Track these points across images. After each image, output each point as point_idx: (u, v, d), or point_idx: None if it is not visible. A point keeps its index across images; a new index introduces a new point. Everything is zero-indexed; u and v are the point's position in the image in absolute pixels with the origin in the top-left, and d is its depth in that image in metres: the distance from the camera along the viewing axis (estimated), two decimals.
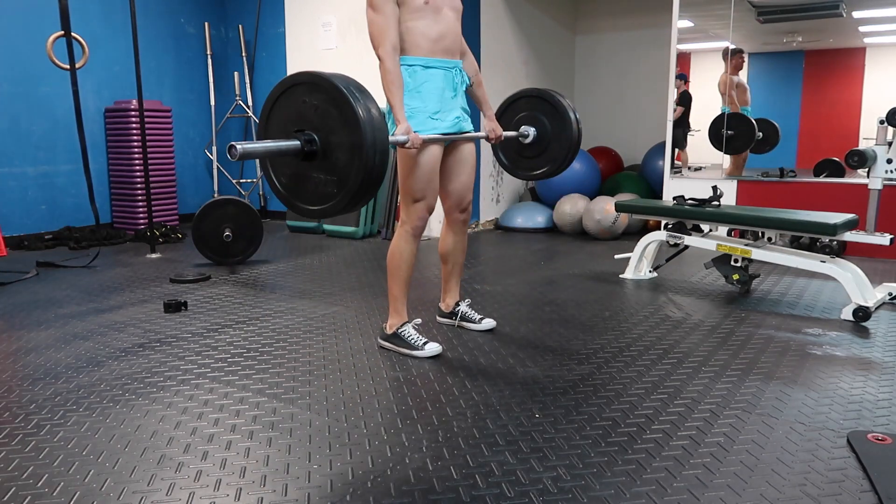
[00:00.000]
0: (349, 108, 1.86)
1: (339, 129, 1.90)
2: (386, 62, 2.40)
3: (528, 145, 3.02)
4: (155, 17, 6.01)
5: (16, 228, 5.16)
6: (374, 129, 1.86)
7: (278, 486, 1.66)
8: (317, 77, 1.94)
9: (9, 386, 2.33)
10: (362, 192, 1.94)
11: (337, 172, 1.93)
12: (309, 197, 2.03)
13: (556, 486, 1.65)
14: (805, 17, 5.54)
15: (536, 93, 3.02)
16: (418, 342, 2.62)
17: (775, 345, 2.74)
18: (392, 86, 2.40)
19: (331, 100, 1.90)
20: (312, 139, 1.94)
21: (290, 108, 1.99)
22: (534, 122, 2.99)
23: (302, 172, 2.02)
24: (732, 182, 5.07)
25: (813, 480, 1.67)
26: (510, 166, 3.14)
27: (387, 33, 2.41)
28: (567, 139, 2.94)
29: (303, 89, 1.97)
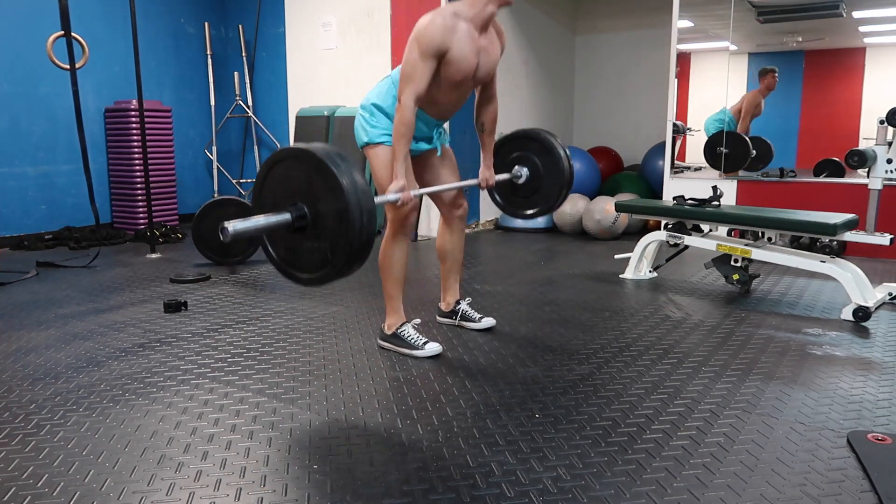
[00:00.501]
0: (334, 180, 1.91)
1: (326, 198, 1.96)
2: (406, 111, 2.38)
3: (521, 186, 3.06)
4: (155, 17, 6.01)
5: (16, 228, 5.16)
6: (359, 199, 1.91)
7: (278, 486, 1.66)
8: (301, 151, 2.00)
9: (9, 386, 2.33)
10: (353, 259, 2.00)
11: (327, 240, 2.00)
12: (304, 266, 2.10)
13: (556, 486, 1.65)
14: (805, 17, 5.55)
15: (528, 134, 3.06)
16: (418, 342, 2.62)
17: (775, 345, 2.74)
18: (402, 137, 2.39)
19: (316, 171, 1.96)
20: (302, 210, 2.01)
21: (279, 181, 2.06)
22: (526, 163, 3.03)
23: (295, 244, 2.09)
24: (732, 182, 5.07)
25: (813, 480, 1.67)
26: (504, 205, 3.18)
27: (419, 82, 2.38)
28: (559, 180, 2.98)
29: (290, 163, 2.04)
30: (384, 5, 5.55)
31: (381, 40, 5.61)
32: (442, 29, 2.34)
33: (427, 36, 2.34)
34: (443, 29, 2.35)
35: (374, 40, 5.65)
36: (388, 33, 5.56)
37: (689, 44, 5.75)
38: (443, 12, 2.38)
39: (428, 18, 2.37)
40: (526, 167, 3.00)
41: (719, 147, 5.29)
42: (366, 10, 5.66)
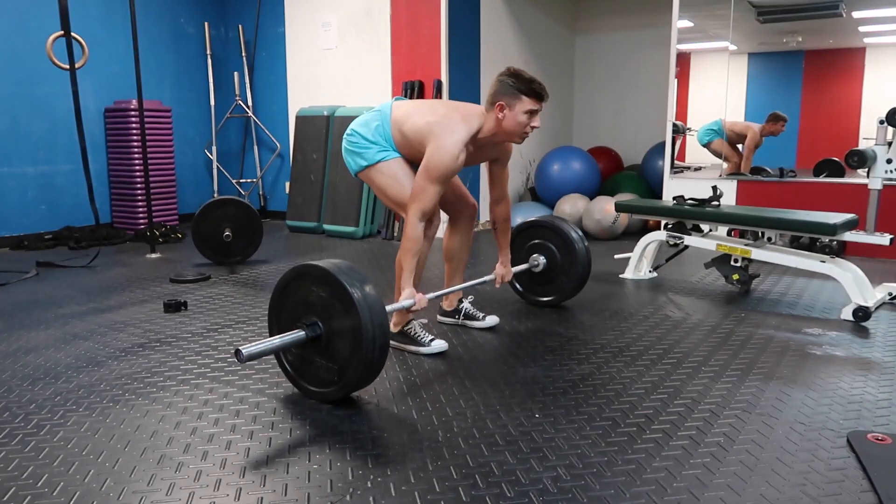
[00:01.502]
0: (345, 293, 2.00)
1: (339, 314, 2.04)
2: (413, 230, 2.45)
3: (538, 273, 3.20)
4: (155, 17, 6.01)
5: (16, 228, 5.16)
6: (371, 310, 1.99)
7: (278, 485, 1.66)
8: (316, 268, 2.08)
9: (9, 386, 2.33)
10: (359, 385, 2.10)
11: (338, 362, 2.08)
12: (312, 380, 2.17)
13: (556, 486, 1.65)
14: (805, 17, 5.54)
15: (550, 224, 3.18)
16: (425, 338, 2.63)
17: (775, 345, 2.74)
18: (408, 253, 2.46)
19: (329, 287, 2.05)
20: (317, 330, 2.08)
21: (297, 294, 2.15)
22: (544, 251, 3.18)
23: (306, 355, 2.16)
24: (732, 182, 5.07)
25: (813, 480, 1.67)
26: (523, 292, 3.33)
27: (429, 203, 2.45)
28: (575, 277, 3.14)
29: (306, 279, 2.12)
30: (384, 5, 5.55)
31: (381, 40, 5.61)
32: (456, 160, 2.45)
33: (444, 166, 2.43)
34: (457, 160, 2.45)
35: (374, 40, 5.65)
36: (388, 33, 5.56)
37: (689, 44, 5.75)
38: (460, 140, 2.45)
39: (446, 153, 2.42)
40: (543, 256, 3.16)
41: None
42: (366, 10, 5.66)
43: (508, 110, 2.44)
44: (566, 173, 5.76)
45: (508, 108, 2.44)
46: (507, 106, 2.44)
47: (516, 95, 2.43)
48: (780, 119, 5.49)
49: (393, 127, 2.56)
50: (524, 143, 2.67)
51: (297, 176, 5.89)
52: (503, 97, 2.44)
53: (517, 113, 2.44)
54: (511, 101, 2.43)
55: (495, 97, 2.46)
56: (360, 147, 2.57)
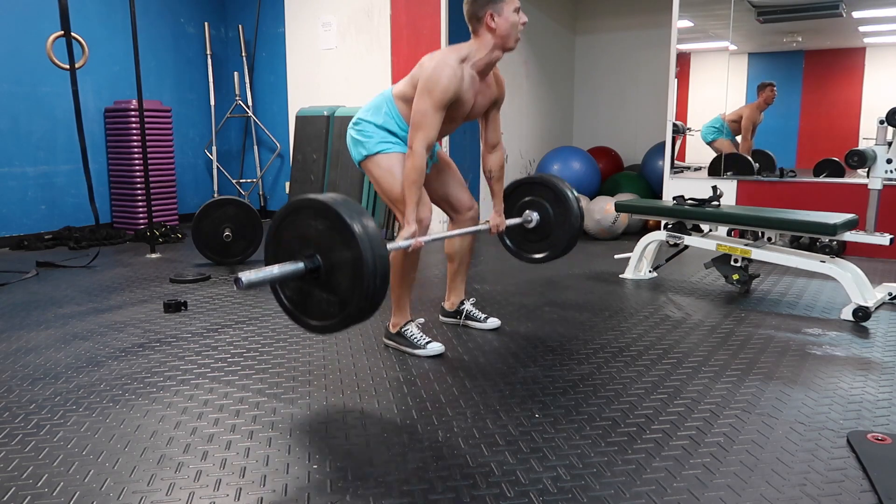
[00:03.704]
0: (346, 227, 1.94)
1: (339, 247, 1.98)
2: (417, 158, 2.40)
3: (531, 230, 3.10)
4: (155, 17, 6.01)
5: (16, 228, 5.16)
6: (371, 244, 1.94)
7: (278, 485, 1.66)
8: (317, 202, 2.02)
9: (9, 386, 2.33)
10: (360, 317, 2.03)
11: (338, 295, 2.02)
12: (313, 313, 2.11)
13: (556, 486, 1.65)
14: (805, 17, 5.55)
15: (539, 180, 3.10)
16: (421, 341, 2.62)
17: (775, 345, 2.74)
18: (413, 184, 2.41)
19: (329, 220, 1.99)
20: (316, 262, 2.02)
21: (294, 229, 2.08)
22: (537, 208, 3.08)
23: (306, 289, 2.10)
24: (732, 182, 5.07)
25: (813, 480, 1.67)
26: (514, 249, 3.21)
27: (432, 129, 2.41)
28: (569, 231, 3.02)
29: (306, 213, 2.06)
30: (384, 5, 5.55)
31: (381, 40, 5.61)
32: (455, 81, 2.39)
33: (441, 89, 2.38)
34: (455, 80, 2.39)
35: (374, 40, 5.65)
36: (388, 33, 5.56)
37: (689, 44, 5.75)
38: (451, 62, 2.40)
39: (440, 69, 2.38)
40: (537, 212, 3.07)
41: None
42: (366, 10, 5.66)
43: (498, 16, 2.43)
44: (566, 173, 5.75)
45: (497, 14, 2.42)
46: (496, 12, 2.42)
47: (494, 4, 2.42)
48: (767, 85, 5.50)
49: (396, 100, 2.55)
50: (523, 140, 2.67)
51: (297, 176, 5.88)
52: (487, 7, 2.43)
53: (507, 14, 2.43)
54: (497, 6, 2.42)
55: (480, 11, 2.44)
56: (365, 135, 2.55)
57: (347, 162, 5.34)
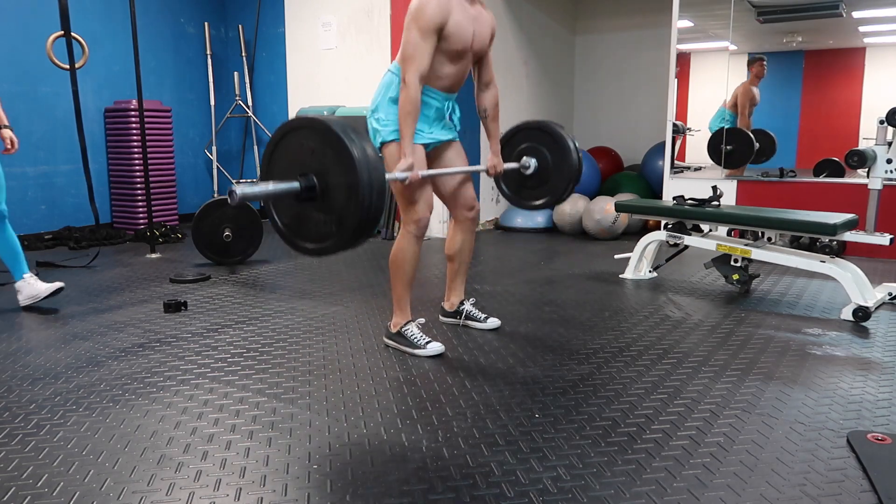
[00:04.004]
0: (345, 151, 1.90)
1: (337, 174, 1.95)
2: (411, 89, 2.40)
3: (529, 176, 3.05)
4: (155, 17, 6.01)
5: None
6: (370, 170, 1.90)
7: (278, 485, 1.66)
8: (314, 122, 1.99)
9: (9, 386, 2.33)
10: (359, 234, 2.00)
11: (335, 213, 1.99)
12: (309, 236, 2.09)
13: (556, 486, 1.65)
14: (805, 17, 5.55)
15: (538, 125, 3.05)
16: (420, 341, 2.62)
17: (775, 345, 2.74)
18: (408, 115, 2.41)
19: (327, 143, 1.95)
20: (311, 181, 1.99)
21: (290, 151, 2.05)
22: (535, 154, 3.03)
23: (302, 213, 2.07)
24: (732, 182, 5.07)
25: (813, 480, 1.67)
26: (512, 196, 3.17)
27: (422, 61, 2.40)
28: (567, 172, 2.98)
29: (302, 133, 2.02)
30: (384, 5, 5.55)
31: (381, 40, 5.61)
32: (438, 4, 2.38)
33: (426, 14, 2.37)
34: (438, 5, 2.38)
35: (374, 40, 5.65)
36: (388, 33, 5.56)
37: (689, 44, 5.75)
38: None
39: None
40: (534, 158, 3.00)
41: (722, 144, 5.30)
42: (366, 10, 5.66)
43: None
44: None
45: None
46: None
47: None
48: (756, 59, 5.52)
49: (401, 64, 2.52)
50: None
51: None
52: None
53: None
54: None
55: None
56: (380, 123, 2.55)
57: None
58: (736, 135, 5.35)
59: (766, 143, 5.51)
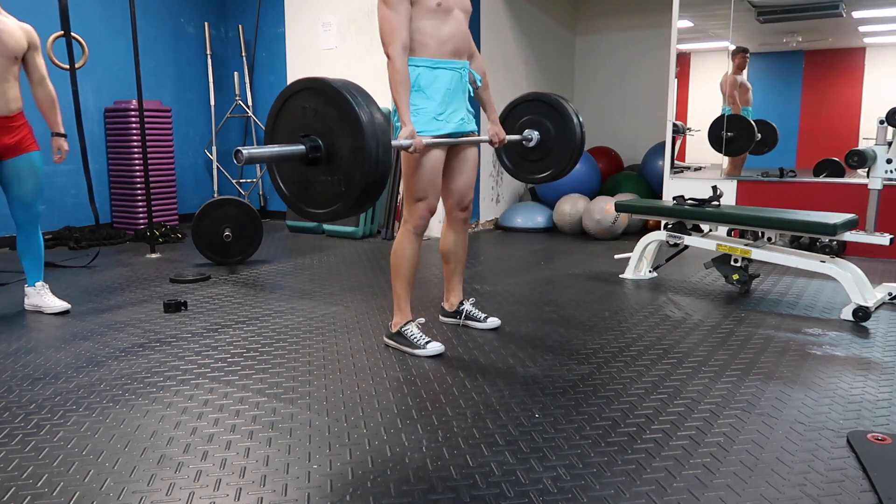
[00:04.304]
0: (352, 113, 1.88)
1: (342, 134, 1.92)
2: (395, 61, 2.39)
3: (531, 149, 3.03)
4: (155, 17, 6.01)
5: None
6: (376, 132, 1.88)
7: (278, 485, 1.66)
8: (319, 82, 1.96)
9: (9, 386, 2.33)
10: (367, 195, 1.97)
11: (342, 175, 1.96)
12: (315, 201, 2.06)
13: (556, 486, 1.65)
14: (805, 17, 5.54)
15: (539, 97, 3.03)
16: (420, 341, 2.62)
17: (775, 345, 2.74)
18: (399, 86, 2.40)
19: (333, 104, 1.92)
20: (317, 144, 1.96)
21: (294, 114, 2.02)
22: (537, 126, 3.00)
23: (308, 177, 2.04)
24: (732, 182, 5.07)
25: (813, 480, 1.67)
26: (514, 170, 3.15)
27: (398, 32, 2.39)
28: (570, 142, 2.96)
29: (306, 95, 1.99)
30: None
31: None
32: None
33: None
34: None
35: (375, 40, 5.64)
36: None
37: (689, 44, 5.75)
38: None
39: None
40: (537, 130, 2.99)
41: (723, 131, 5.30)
42: (366, 10, 5.66)
43: None
44: None
45: None
46: None
47: None
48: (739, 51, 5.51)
49: None
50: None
51: None
52: None
53: None
54: None
55: None
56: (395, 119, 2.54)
57: None
58: (737, 122, 5.34)
59: (767, 133, 5.50)
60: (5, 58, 3.06)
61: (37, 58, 3.23)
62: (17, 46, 3.12)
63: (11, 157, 3.11)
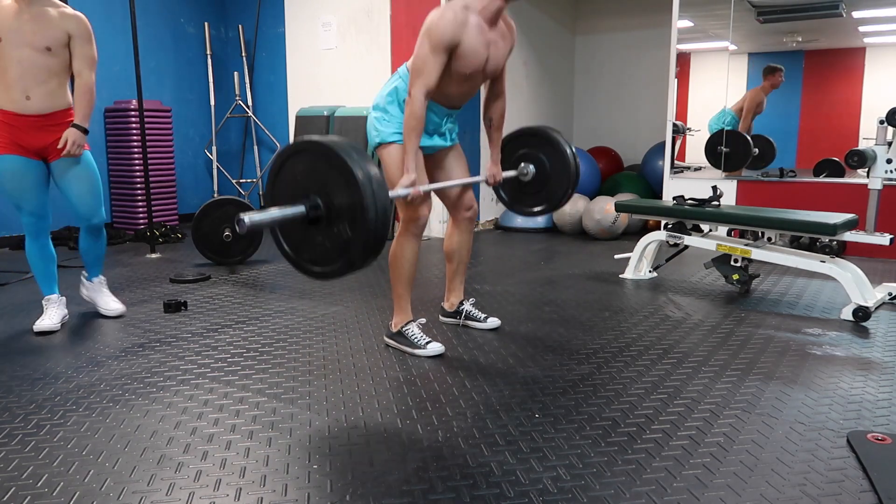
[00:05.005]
0: (348, 170, 1.90)
1: (340, 192, 1.95)
2: (415, 103, 2.39)
3: (527, 183, 3.05)
4: (155, 17, 6.01)
5: (16, 228, 5.16)
6: (373, 188, 1.90)
7: (278, 486, 1.66)
8: (314, 144, 2.00)
9: (9, 386, 2.33)
10: (366, 253, 1.99)
11: (341, 235, 1.98)
12: (316, 259, 2.08)
13: (556, 486, 1.65)
14: (805, 17, 5.55)
15: (533, 131, 3.06)
16: (421, 341, 2.62)
17: (775, 345, 2.74)
18: (412, 131, 2.40)
19: (329, 163, 1.96)
20: (316, 204, 1.99)
21: (293, 174, 2.05)
22: (533, 160, 3.03)
23: (308, 236, 2.07)
24: (732, 182, 5.07)
25: (813, 480, 1.67)
26: (510, 202, 3.18)
27: (429, 76, 2.38)
28: (565, 179, 2.99)
29: (303, 156, 2.03)
30: (384, 5, 5.54)
31: (381, 40, 5.61)
32: (453, 23, 2.35)
33: (439, 31, 2.35)
34: (454, 23, 2.35)
35: (374, 40, 5.65)
36: (388, 33, 5.56)
37: (689, 44, 5.75)
38: (454, 6, 2.38)
39: (439, 13, 2.38)
40: (532, 164, 3.00)
41: (720, 146, 5.30)
42: (366, 10, 5.66)
43: None
44: None
45: None
46: None
47: None
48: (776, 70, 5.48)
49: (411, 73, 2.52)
50: None
51: None
52: None
53: None
54: None
55: None
56: (382, 122, 2.55)
57: None
58: (734, 138, 5.34)
59: (765, 148, 5.51)
60: (35, 50, 2.73)
61: (79, 49, 2.83)
62: (49, 38, 2.75)
63: (57, 158, 2.87)
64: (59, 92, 2.85)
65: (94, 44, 2.91)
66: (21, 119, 2.78)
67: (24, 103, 2.76)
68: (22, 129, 2.79)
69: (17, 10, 2.72)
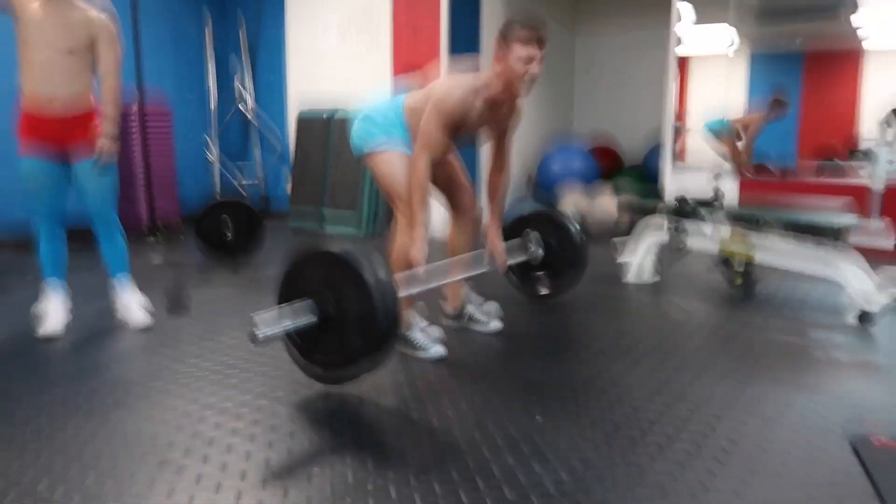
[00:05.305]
0: (358, 276, 2.00)
1: (350, 296, 2.03)
2: (419, 166, 2.43)
3: (535, 266, 3.15)
4: (155, 17, 6.00)
5: (16, 229, 5.14)
6: (384, 292, 2.00)
7: (278, 488, 1.66)
8: (323, 253, 2.12)
9: (7, 390, 2.32)
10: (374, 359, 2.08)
11: (351, 341, 2.06)
12: (325, 363, 2.16)
13: (558, 488, 1.64)
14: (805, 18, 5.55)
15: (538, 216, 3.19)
16: (423, 343, 2.61)
17: (779, 348, 2.74)
18: (416, 191, 2.44)
19: (339, 269, 2.06)
20: (327, 312, 2.08)
21: (303, 278, 2.16)
22: (541, 244, 3.14)
23: (318, 340, 2.14)
24: (734, 182, 5.06)
25: (816, 484, 1.67)
26: (520, 284, 3.29)
27: (435, 148, 2.45)
28: (574, 262, 3.10)
29: (312, 262, 2.15)
30: (384, 5, 5.54)
31: (381, 40, 5.61)
32: (463, 107, 2.45)
33: (448, 112, 2.43)
34: (464, 107, 2.45)
35: (374, 40, 5.65)
36: (388, 33, 5.56)
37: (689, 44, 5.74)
38: (466, 88, 2.45)
39: (451, 92, 2.44)
40: (541, 248, 3.12)
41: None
42: (366, 10, 5.65)
43: (503, 60, 2.43)
44: (567, 173, 5.75)
45: (502, 57, 2.43)
46: (502, 55, 2.43)
47: (506, 45, 2.42)
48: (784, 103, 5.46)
49: (407, 111, 2.57)
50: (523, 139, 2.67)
51: (298, 176, 5.88)
52: (497, 50, 2.44)
53: (512, 62, 2.41)
54: (504, 48, 2.42)
55: (496, 45, 2.46)
56: (369, 133, 2.58)
57: (348, 163, 5.33)
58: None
59: None
60: (58, 52, 2.69)
61: (104, 52, 2.79)
62: (72, 40, 2.72)
63: (77, 161, 2.86)
64: (82, 94, 2.83)
65: (119, 46, 2.88)
66: (44, 121, 2.77)
67: (47, 105, 2.76)
68: (45, 131, 2.79)
69: (42, 12, 2.70)
